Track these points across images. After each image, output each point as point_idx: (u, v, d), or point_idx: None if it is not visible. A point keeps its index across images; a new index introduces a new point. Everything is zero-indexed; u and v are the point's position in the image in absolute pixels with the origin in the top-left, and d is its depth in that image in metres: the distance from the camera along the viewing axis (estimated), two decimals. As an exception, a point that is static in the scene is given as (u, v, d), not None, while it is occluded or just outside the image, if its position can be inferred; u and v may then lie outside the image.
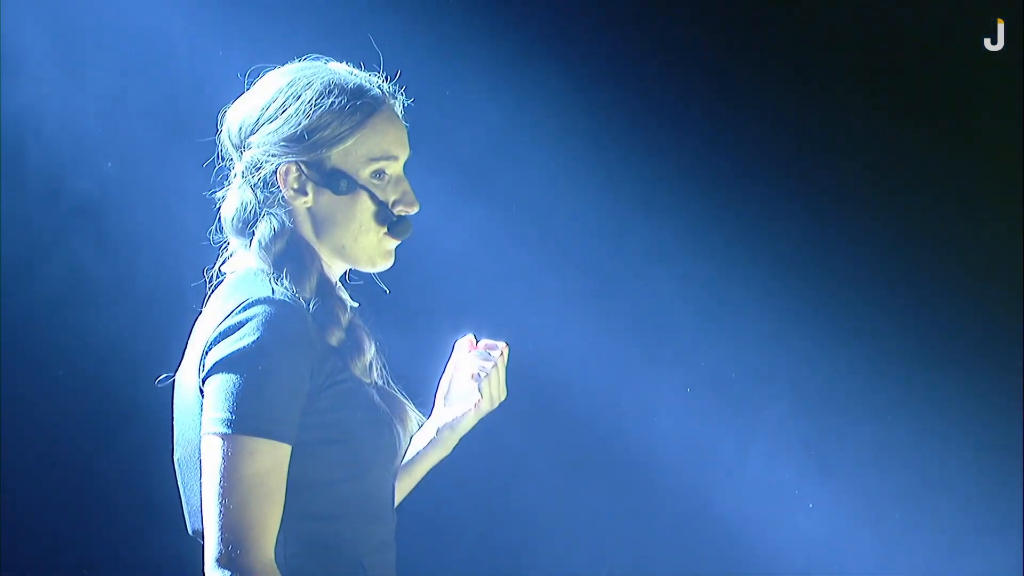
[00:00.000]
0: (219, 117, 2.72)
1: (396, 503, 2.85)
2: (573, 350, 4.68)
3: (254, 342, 2.54)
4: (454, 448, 2.97)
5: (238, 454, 2.51)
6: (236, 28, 4.36)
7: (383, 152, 2.67)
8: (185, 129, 3.95)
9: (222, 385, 2.54)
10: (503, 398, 2.93)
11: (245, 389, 2.52)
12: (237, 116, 2.71)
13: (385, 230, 2.68)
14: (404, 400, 2.71)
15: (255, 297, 2.59)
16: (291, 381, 2.54)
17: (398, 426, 2.67)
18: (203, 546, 2.52)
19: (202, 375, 2.58)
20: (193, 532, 2.64)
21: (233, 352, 2.55)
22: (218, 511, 2.50)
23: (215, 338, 2.58)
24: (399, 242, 2.70)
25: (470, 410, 2.93)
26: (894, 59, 4.63)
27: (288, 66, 2.72)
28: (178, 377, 2.67)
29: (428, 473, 2.98)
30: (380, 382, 2.69)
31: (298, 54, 2.76)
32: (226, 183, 2.73)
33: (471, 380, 2.93)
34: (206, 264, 2.75)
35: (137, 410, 4.27)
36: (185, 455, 2.63)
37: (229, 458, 2.51)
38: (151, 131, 4.30)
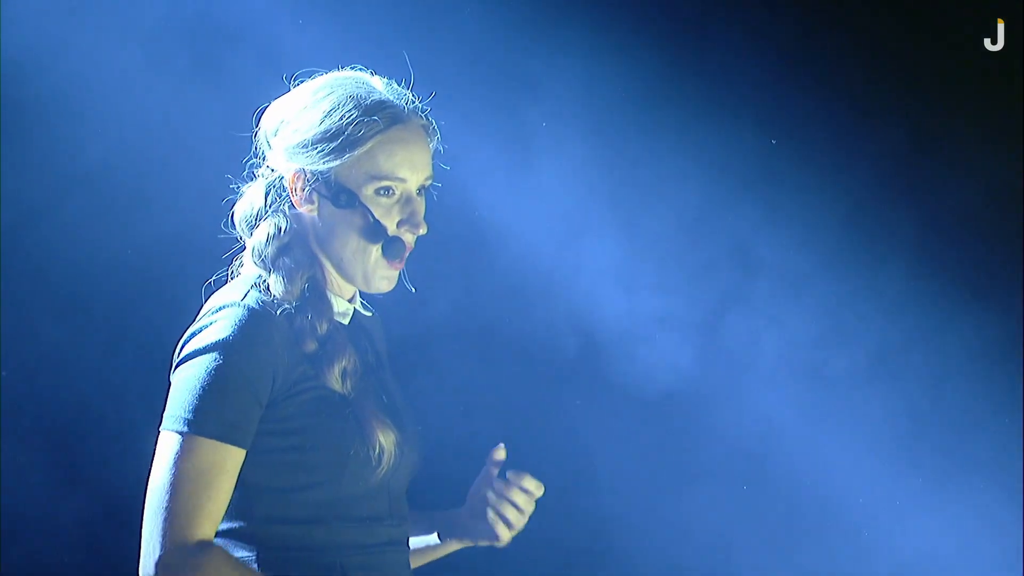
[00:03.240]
0: (254, 115, 2.75)
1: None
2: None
3: (212, 343, 2.57)
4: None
5: (178, 449, 2.54)
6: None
7: (386, 172, 2.66)
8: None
9: (176, 383, 2.59)
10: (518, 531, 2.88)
11: (194, 388, 2.56)
12: (269, 116, 2.73)
13: (381, 250, 2.68)
14: (380, 413, 2.69)
15: (224, 301, 2.62)
16: (244, 383, 2.57)
17: (375, 437, 2.65)
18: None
19: (171, 374, 2.63)
20: None
21: (192, 352, 2.59)
22: (154, 498, 2.54)
23: (184, 339, 2.64)
24: (398, 266, 2.70)
25: (482, 541, 2.91)
26: (894, 59, 4.64)
27: (328, 74, 2.73)
28: None
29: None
30: (353, 393, 2.67)
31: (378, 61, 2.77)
32: (251, 180, 2.76)
33: (489, 513, 2.86)
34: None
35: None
36: None
37: (169, 453, 2.55)
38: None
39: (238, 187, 2.76)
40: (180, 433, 2.54)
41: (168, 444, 2.55)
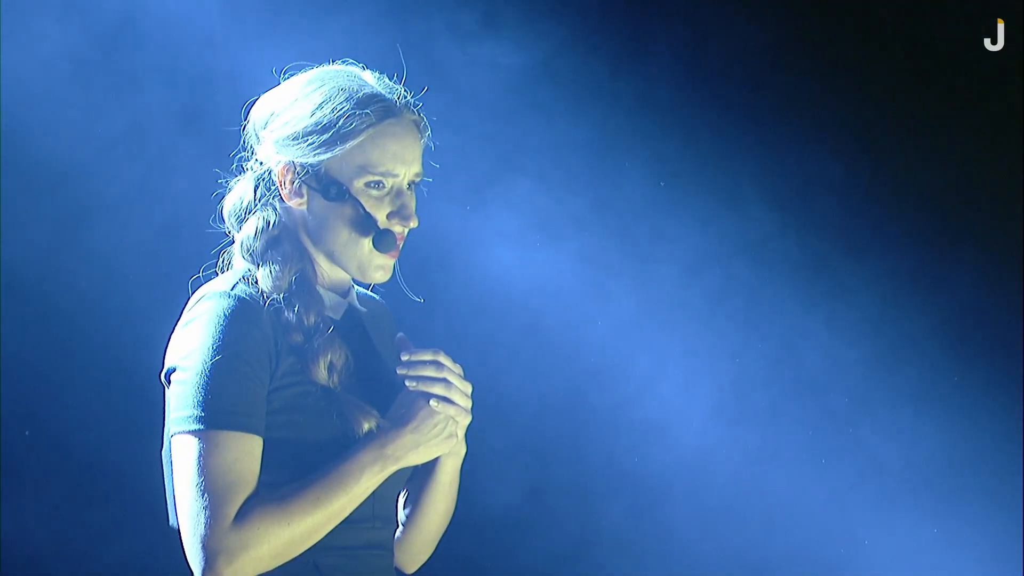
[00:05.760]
0: (243, 108, 2.73)
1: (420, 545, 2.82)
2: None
3: (206, 336, 2.54)
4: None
5: (200, 449, 2.50)
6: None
7: (378, 165, 2.64)
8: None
9: (177, 383, 2.55)
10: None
11: (198, 384, 2.53)
12: (258, 109, 2.71)
13: (372, 242, 2.66)
14: (367, 408, 2.63)
15: (210, 291, 2.60)
16: (247, 370, 2.54)
17: (360, 432, 2.61)
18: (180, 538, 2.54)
19: (163, 372, 2.60)
20: (172, 525, 2.63)
21: (186, 348, 2.56)
22: (188, 505, 2.50)
23: (174, 335, 2.61)
24: (394, 255, 2.67)
25: (449, 456, 2.76)
26: (895, 59, 4.63)
27: (318, 68, 2.71)
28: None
29: None
30: (340, 388, 2.63)
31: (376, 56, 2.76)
32: (240, 174, 2.74)
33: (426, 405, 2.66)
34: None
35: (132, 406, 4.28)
36: (164, 451, 2.63)
37: (191, 455, 2.51)
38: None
39: (226, 182, 2.74)
40: (196, 433, 2.51)
41: (188, 446, 2.51)
